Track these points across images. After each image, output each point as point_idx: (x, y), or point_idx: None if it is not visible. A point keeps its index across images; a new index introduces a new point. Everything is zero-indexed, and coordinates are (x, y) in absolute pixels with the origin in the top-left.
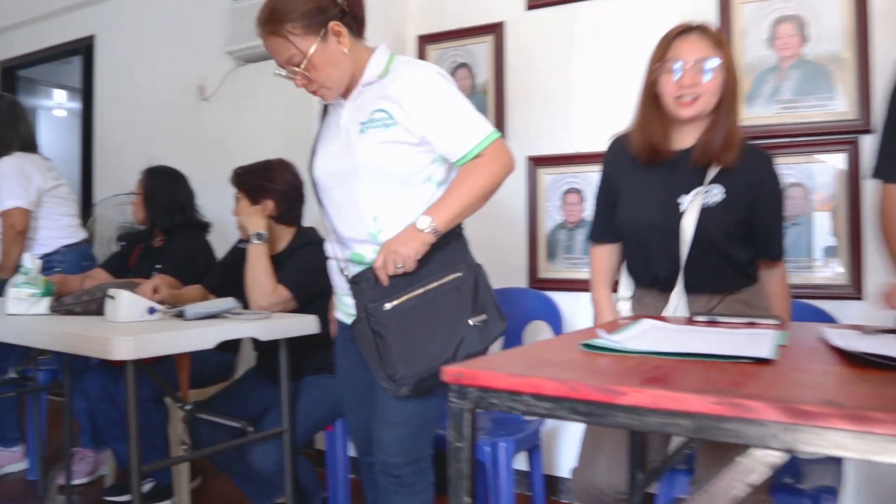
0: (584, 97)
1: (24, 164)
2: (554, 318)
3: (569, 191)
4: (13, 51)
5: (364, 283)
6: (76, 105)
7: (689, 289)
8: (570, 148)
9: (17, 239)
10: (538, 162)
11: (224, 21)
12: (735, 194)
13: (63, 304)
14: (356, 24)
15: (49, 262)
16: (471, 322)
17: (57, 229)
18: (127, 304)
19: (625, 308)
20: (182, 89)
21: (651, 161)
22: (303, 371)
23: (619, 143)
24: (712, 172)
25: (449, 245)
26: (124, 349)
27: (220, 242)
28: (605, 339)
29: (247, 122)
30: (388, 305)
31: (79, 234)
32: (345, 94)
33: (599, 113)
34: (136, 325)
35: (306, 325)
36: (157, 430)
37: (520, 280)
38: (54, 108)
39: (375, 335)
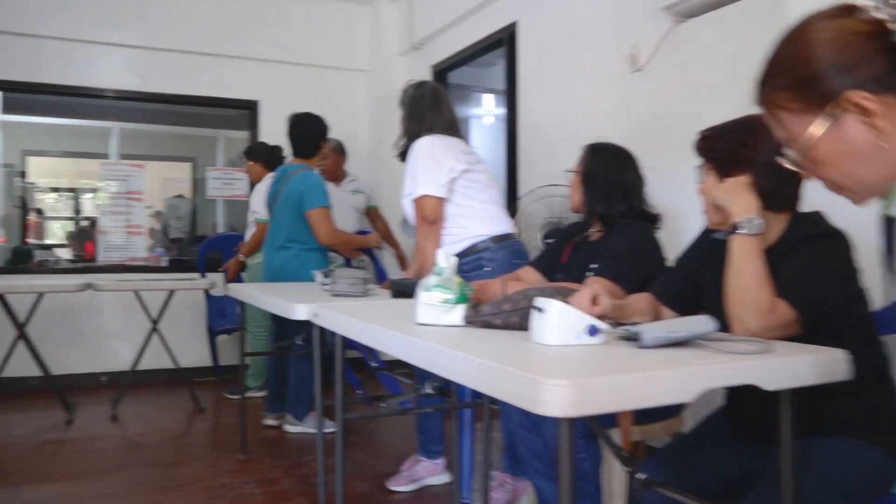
0: None
1: (434, 146)
2: None
3: None
4: (441, 54)
5: None
6: (504, 111)
7: None
8: None
9: (431, 231)
10: None
11: None
12: None
13: (479, 314)
14: None
15: (478, 261)
16: None
17: (475, 218)
18: (559, 322)
19: None
20: (610, 62)
21: None
22: (810, 428)
23: None
24: None
25: None
26: (557, 402)
27: (667, 241)
28: None
29: (691, 93)
30: None
31: (504, 225)
32: None
33: None
34: (571, 356)
35: (832, 365)
36: (588, 472)
37: None
38: (484, 116)
39: None
